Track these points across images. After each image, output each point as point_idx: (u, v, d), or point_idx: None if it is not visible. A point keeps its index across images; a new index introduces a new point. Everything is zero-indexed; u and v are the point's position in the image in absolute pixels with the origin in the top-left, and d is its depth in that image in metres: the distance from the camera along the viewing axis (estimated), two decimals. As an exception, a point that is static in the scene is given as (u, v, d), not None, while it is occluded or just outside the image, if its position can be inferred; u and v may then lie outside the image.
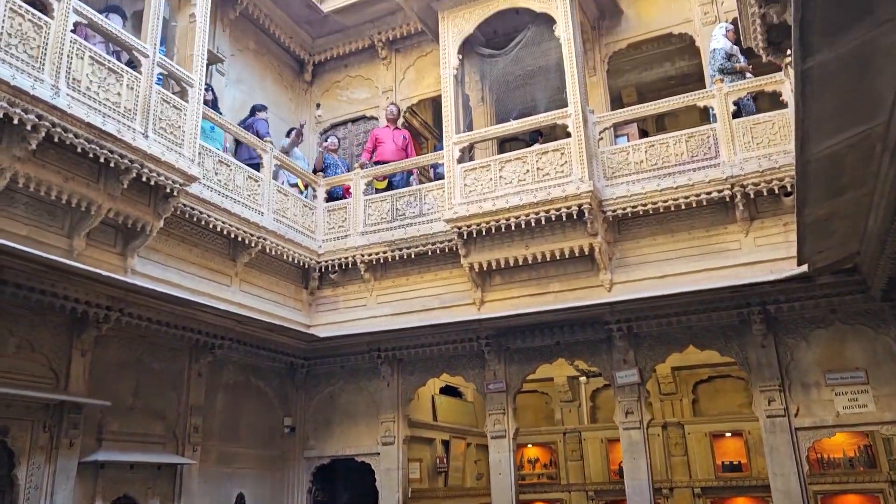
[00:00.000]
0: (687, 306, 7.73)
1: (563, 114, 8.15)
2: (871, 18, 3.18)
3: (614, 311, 7.98)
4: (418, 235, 8.85)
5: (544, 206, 7.83)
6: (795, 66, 3.35)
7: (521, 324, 8.48)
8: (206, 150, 7.71)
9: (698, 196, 7.53)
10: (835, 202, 5.15)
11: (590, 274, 8.13)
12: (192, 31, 7.71)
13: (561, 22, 8.40)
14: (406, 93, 10.91)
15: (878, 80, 3.71)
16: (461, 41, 9.06)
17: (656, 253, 7.91)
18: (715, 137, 7.63)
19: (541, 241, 8.09)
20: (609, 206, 7.89)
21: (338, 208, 9.61)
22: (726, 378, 11.43)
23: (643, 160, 7.90)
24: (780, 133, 7.35)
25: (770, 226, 7.48)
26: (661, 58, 11.13)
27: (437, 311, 8.86)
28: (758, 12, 4.58)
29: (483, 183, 8.32)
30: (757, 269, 7.39)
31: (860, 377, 7.19)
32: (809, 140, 4.09)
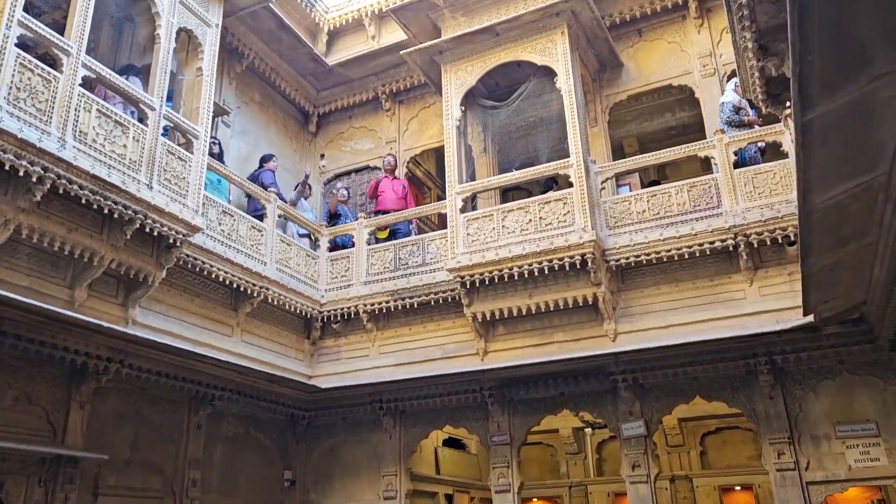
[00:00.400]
0: (693, 357, 7.63)
1: (565, 164, 8.20)
2: (868, 71, 3.21)
3: (619, 362, 7.88)
4: (421, 285, 8.84)
5: (547, 255, 7.83)
6: (795, 119, 3.37)
7: (524, 374, 8.37)
8: (210, 200, 7.76)
9: (701, 245, 7.53)
10: (839, 252, 5.12)
11: (594, 324, 8.08)
12: (198, 85, 7.84)
13: (562, 74, 8.53)
14: (409, 143, 11.03)
15: (878, 132, 3.73)
16: (463, 93, 9.19)
17: (661, 302, 7.88)
18: (717, 187, 7.66)
19: (544, 291, 8.07)
20: (612, 256, 7.88)
21: (341, 258, 9.61)
22: (734, 430, 11.22)
23: (645, 209, 7.92)
24: (782, 183, 7.38)
25: (774, 275, 7.45)
26: (661, 108, 11.27)
27: (440, 361, 8.79)
28: (756, 65, 4.63)
29: (486, 232, 8.33)
30: (763, 318, 7.34)
31: (871, 429, 7.04)
32: (811, 191, 4.08)
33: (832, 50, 3.00)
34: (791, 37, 2.83)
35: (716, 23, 9.17)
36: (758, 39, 4.43)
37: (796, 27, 2.77)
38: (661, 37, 9.52)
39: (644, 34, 9.64)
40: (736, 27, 4.44)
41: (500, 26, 8.89)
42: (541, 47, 8.79)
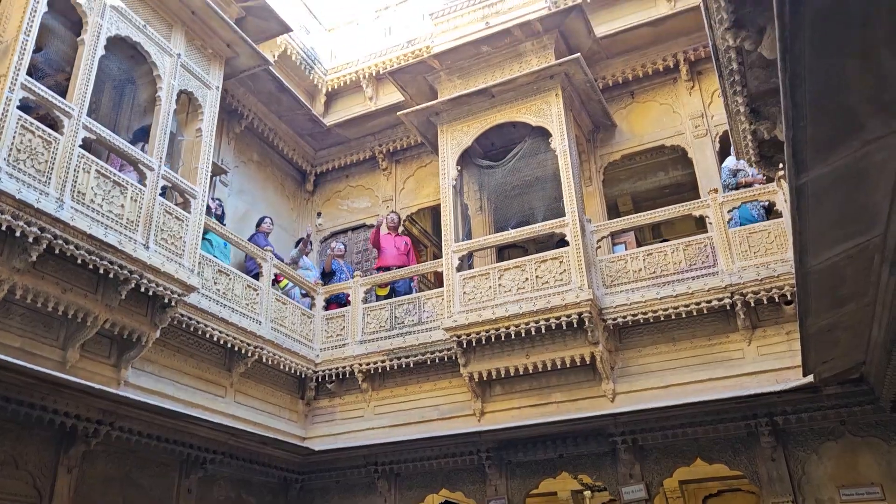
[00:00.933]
0: (692, 418, 7.52)
1: (561, 223, 8.25)
2: (860, 136, 3.25)
3: (618, 423, 7.76)
4: (417, 344, 8.77)
5: (544, 314, 7.80)
6: (790, 182, 3.40)
7: (522, 436, 8.23)
8: (206, 259, 7.74)
9: (698, 304, 7.52)
10: (837, 313, 5.10)
11: (592, 384, 8.00)
12: (197, 145, 7.93)
13: (556, 135, 8.65)
14: (406, 202, 11.11)
15: (872, 194, 3.76)
16: (460, 153, 9.30)
17: (659, 362, 7.82)
18: (712, 246, 7.69)
19: (541, 351, 8.01)
20: (609, 315, 7.85)
21: (336, 316, 9.56)
22: (736, 492, 10.97)
23: (642, 268, 7.93)
24: (777, 242, 7.42)
25: (773, 334, 7.42)
26: (654, 167, 11.41)
27: (437, 422, 8.65)
28: (748, 128, 4.70)
29: (482, 291, 8.32)
30: (762, 378, 7.27)
31: (876, 493, 6.89)
32: (807, 253, 4.09)
33: (824, 116, 3.05)
34: (784, 104, 2.87)
35: (706, 85, 9.37)
36: (749, 103, 4.51)
37: (789, 95, 2.82)
38: (653, 98, 9.71)
39: (637, 96, 9.84)
40: (728, 91, 4.52)
41: (496, 88, 9.06)
42: (535, 108, 8.94)
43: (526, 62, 9.23)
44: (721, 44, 4.09)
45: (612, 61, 9.66)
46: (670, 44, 9.38)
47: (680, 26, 9.17)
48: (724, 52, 4.12)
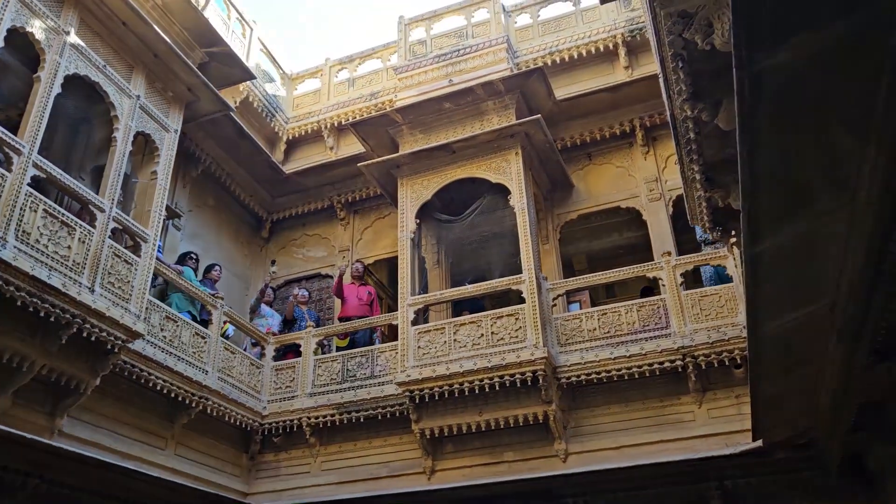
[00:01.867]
0: (644, 480, 7.47)
1: (518, 279, 8.28)
2: (813, 208, 3.36)
3: (570, 484, 7.66)
4: (369, 398, 8.60)
5: (498, 371, 7.75)
6: (744, 251, 3.47)
7: (473, 496, 8.03)
8: (153, 305, 7.51)
9: (651, 365, 7.57)
10: (787, 379, 5.18)
11: (544, 443, 7.92)
12: (152, 188, 7.78)
13: (515, 192, 8.76)
14: (363, 253, 11.03)
15: (822, 264, 3.86)
16: (419, 206, 9.32)
17: (612, 422, 7.81)
18: (665, 308, 7.79)
19: (494, 408, 7.92)
20: (563, 374, 7.84)
21: (286, 367, 9.33)
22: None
23: (596, 328, 7.98)
24: (728, 306, 7.56)
25: (723, 397, 7.50)
26: (609, 228, 11.61)
27: (385, 480, 8.43)
28: (703, 195, 4.83)
29: (437, 346, 8.24)
30: (712, 441, 7.31)
31: (823, 559, 6.92)
32: (760, 319, 4.17)
33: (779, 188, 3.14)
34: (741, 175, 2.95)
35: (661, 151, 9.65)
36: (704, 171, 4.64)
37: (746, 167, 2.90)
38: (609, 161, 9.95)
39: (594, 158, 10.06)
40: (684, 159, 4.65)
41: (457, 144, 9.17)
42: (495, 166, 9.06)
43: (487, 120, 9.39)
44: (679, 114, 4.21)
45: (571, 123, 9.89)
46: (627, 109, 9.67)
47: (636, 93, 9.47)
48: (682, 122, 4.24)
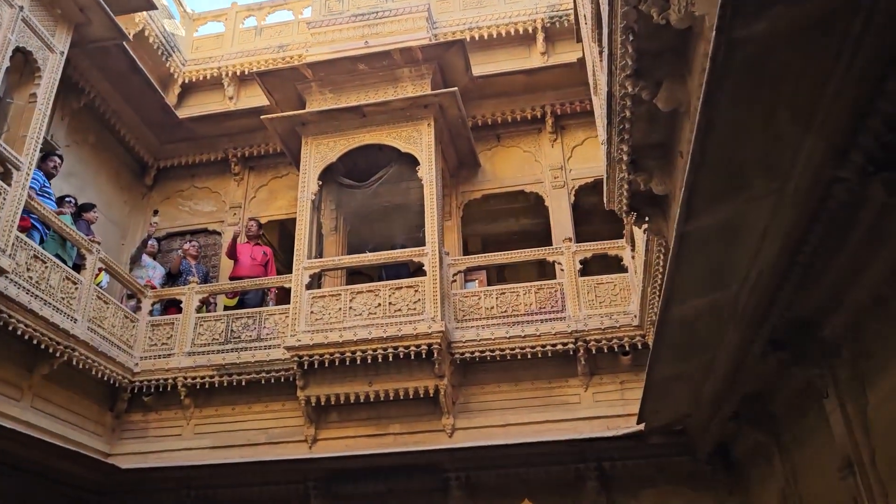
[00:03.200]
0: (527, 458, 7.61)
1: (421, 252, 8.16)
2: (745, 192, 3.43)
3: (454, 459, 7.67)
4: (253, 361, 8.22)
5: (394, 342, 7.62)
6: (676, 228, 3.50)
7: (355, 467, 7.90)
8: (21, 242, 6.77)
9: (544, 347, 7.69)
10: (681, 364, 5.37)
11: (432, 417, 7.88)
12: (29, 112, 7.05)
13: (424, 164, 8.62)
14: (256, 211, 10.52)
15: (737, 252, 3.98)
16: (323, 168, 8.99)
17: (500, 400, 7.88)
18: (562, 292, 7.93)
19: (385, 379, 7.79)
20: (458, 349, 7.82)
21: (164, 323, 8.75)
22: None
23: (494, 306, 8.01)
24: (621, 295, 7.79)
25: (608, 383, 7.74)
26: (507, 213, 11.71)
27: (264, 447, 8.11)
28: (626, 177, 4.88)
29: (331, 312, 7.98)
30: (594, 424, 7.53)
31: (681, 539, 7.31)
32: (673, 301, 4.25)
33: (721, 168, 3.17)
34: (693, 147, 2.94)
35: (568, 140, 9.81)
36: (631, 153, 4.68)
37: (700, 140, 2.89)
38: (517, 144, 10.00)
39: (502, 140, 10.08)
40: (614, 139, 4.66)
41: (369, 108, 8.90)
42: (406, 135, 8.88)
43: (401, 88, 9.18)
44: (618, 90, 4.20)
45: (484, 102, 9.85)
46: (540, 95, 9.74)
47: (551, 80, 9.56)
48: (620, 99, 4.24)
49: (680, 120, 4.27)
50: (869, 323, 3.85)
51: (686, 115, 4.05)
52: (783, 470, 5.62)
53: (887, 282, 3.57)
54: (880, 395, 3.88)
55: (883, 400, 3.86)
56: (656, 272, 6.21)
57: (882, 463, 3.94)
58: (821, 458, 4.92)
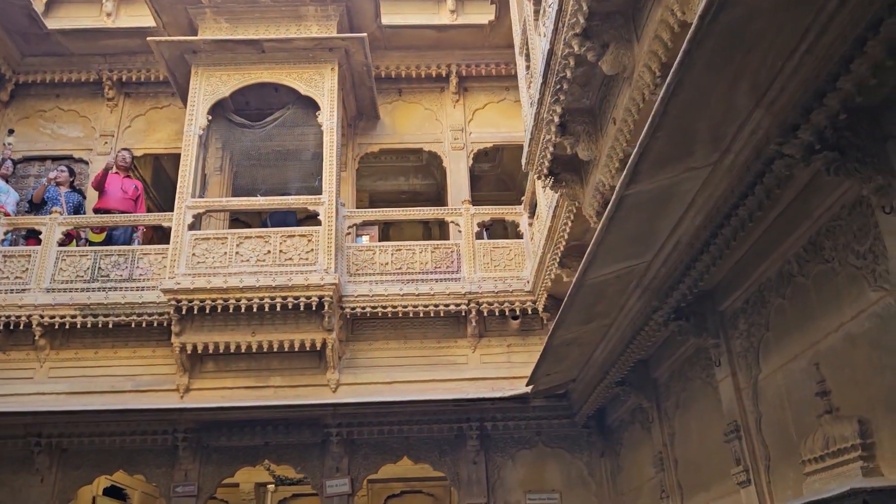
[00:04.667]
0: (410, 416, 7.60)
1: (317, 200, 7.84)
2: (686, 162, 3.49)
3: (337, 414, 7.52)
4: (123, 303, 7.59)
5: (283, 291, 7.30)
6: (619, 190, 3.51)
7: (230, 418, 7.55)
8: None
9: (437, 306, 7.66)
10: (582, 328, 5.51)
11: (316, 371, 7.67)
12: None
13: (325, 109, 8.26)
14: (130, 142, 9.64)
15: (660, 221, 4.09)
16: (213, 102, 8.38)
17: (388, 357, 7.80)
18: (459, 253, 7.92)
19: (270, 330, 7.46)
20: (349, 303, 7.63)
21: (19, 255, 7.89)
22: (417, 493, 11.41)
23: (389, 262, 7.87)
24: (516, 260, 7.90)
25: (496, 345, 7.86)
26: (400, 171, 11.59)
27: (129, 394, 7.56)
28: (553, 140, 4.88)
29: (215, 256, 7.51)
30: (480, 385, 7.63)
31: (555, 499, 7.62)
32: (594, 265, 4.30)
33: (674, 134, 3.19)
34: (657, 107, 2.93)
35: (470, 102, 9.73)
36: (562, 115, 4.67)
37: (664, 100, 2.89)
38: (419, 101, 9.81)
39: (404, 95, 9.85)
40: (547, 99, 4.63)
41: (269, 43, 8.37)
42: (307, 77, 8.45)
43: (305, 27, 8.71)
44: (562, 49, 4.15)
45: (389, 54, 9.55)
46: (447, 53, 9.57)
47: (459, 39, 9.43)
48: (563, 59, 4.19)
49: (618, 86, 4.30)
50: (772, 297, 4.09)
51: (628, 80, 4.07)
52: (661, 435, 5.94)
53: (797, 258, 3.79)
54: (773, 365, 4.14)
55: (774, 370, 4.13)
56: (560, 239, 6.33)
57: (767, 428, 4.23)
58: (702, 423, 5.24)
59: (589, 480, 7.68)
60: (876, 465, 3.14)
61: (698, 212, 3.93)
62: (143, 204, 8.86)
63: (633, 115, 4.11)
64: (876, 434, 3.18)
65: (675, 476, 5.73)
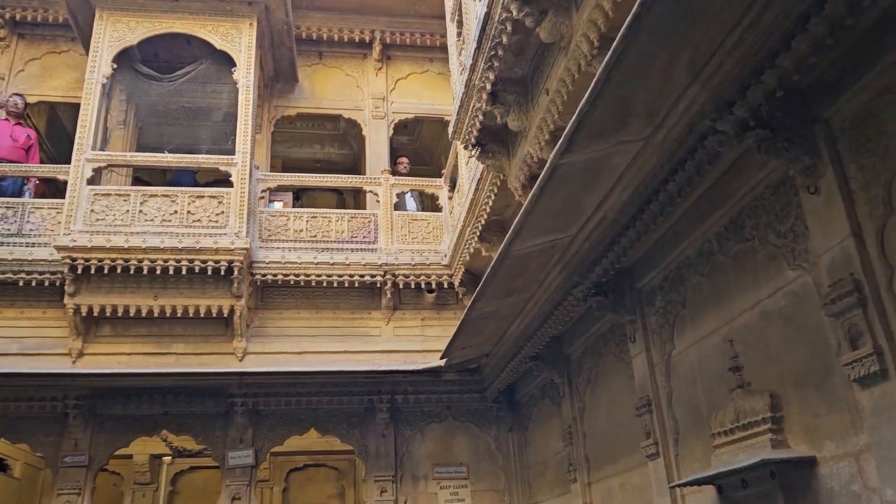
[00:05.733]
0: (320, 387, 7.42)
1: (230, 161, 7.48)
2: (618, 135, 3.48)
3: (243, 384, 7.25)
4: (10, 259, 7.03)
5: (190, 254, 6.94)
6: (553, 159, 3.46)
7: (126, 386, 7.14)
8: None
9: (352, 277, 7.50)
10: (501, 302, 5.49)
11: (223, 339, 7.37)
12: None
13: (242, 66, 7.87)
14: (23, 88, 8.86)
15: (591, 195, 4.08)
16: (119, 50, 7.82)
17: (298, 327, 7.59)
18: (376, 223, 7.76)
19: (175, 294, 7.09)
20: (260, 270, 7.35)
21: None
22: (321, 467, 11.25)
23: (304, 229, 7.62)
24: (434, 233, 7.82)
25: (410, 318, 7.78)
26: (314, 139, 11.21)
27: (14, 358, 7.01)
28: (483, 108, 4.79)
29: (117, 213, 7.06)
30: (392, 357, 7.55)
31: (462, 472, 7.66)
32: (519, 236, 4.26)
33: (613, 105, 3.17)
34: (600, 74, 2.89)
35: (393, 72, 9.53)
36: (495, 84, 4.59)
37: (609, 67, 2.84)
38: (340, 66, 9.51)
39: (325, 58, 9.52)
40: (480, 65, 4.52)
41: (183, -8, 7.88)
42: (223, 31, 8.02)
43: (223, -22, 8.23)
44: (500, 13, 4.05)
45: (311, 14, 9.19)
46: (370, 19, 9.29)
47: (385, 4, 9.17)
48: (499, 23, 4.10)
49: (553, 56, 4.25)
50: (690, 275, 4.18)
51: (564, 50, 4.02)
52: (572, 409, 6.04)
53: (718, 237, 3.88)
54: (687, 341, 4.25)
55: (688, 346, 4.24)
56: (482, 212, 6.29)
57: (678, 403, 4.35)
58: (613, 398, 5.34)
59: (496, 454, 7.75)
60: (784, 438, 3.26)
61: (626, 187, 3.94)
62: (37, 155, 8.18)
63: (568, 85, 4.08)
64: (785, 408, 3.30)
65: (583, 450, 5.84)
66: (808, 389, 3.15)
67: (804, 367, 3.18)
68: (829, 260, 2.95)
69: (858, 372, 2.73)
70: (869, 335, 2.71)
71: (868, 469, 2.78)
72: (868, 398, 2.73)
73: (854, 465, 2.87)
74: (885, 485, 2.65)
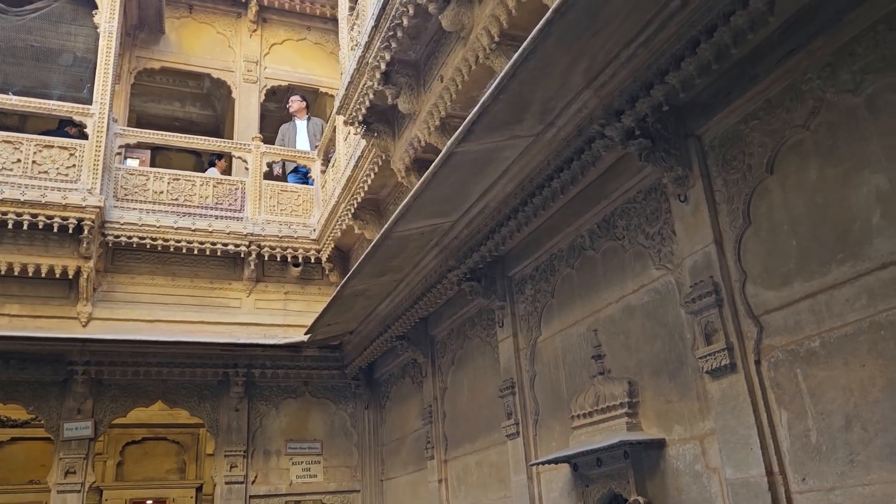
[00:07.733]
0: (172, 358, 7.07)
1: (85, 110, 6.92)
2: (514, 128, 3.63)
3: (85, 351, 6.76)
4: None
5: (34, 208, 6.38)
6: (449, 146, 3.55)
7: (-54, 348, 6.45)
8: None
9: (214, 245, 7.22)
10: (374, 281, 5.53)
11: (65, 302, 6.85)
12: None
13: (105, 8, 7.29)
14: None
15: (476, 184, 4.22)
16: (-43, -28, 6.97)
17: (152, 294, 7.20)
18: (244, 191, 7.51)
19: (12, 251, 6.50)
20: (113, 230, 6.89)
21: None
22: (160, 441, 10.72)
23: (164, 191, 7.22)
24: (304, 206, 7.69)
25: (273, 291, 7.62)
26: (174, 96, 10.61)
27: None
28: (374, 87, 4.77)
29: (-53, 157, 6.32)
30: (252, 330, 7.37)
31: (316, 448, 7.64)
32: (405, 218, 4.33)
33: (516, 98, 3.30)
34: (507, 70, 3.00)
35: (269, 35, 9.21)
36: (389, 64, 4.59)
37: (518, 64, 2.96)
38: (212, 23, 9.05)
39: (195, 12, 9.02)
40: (376, 44, 4.51)
41: (40, -82, 7.15)
42: (86, -32, 7.37)
43: None
44: (402, -6, 4.07)
45: (180, -36, 8.67)
46: (249, -22, 8.93)
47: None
48: (403, 5, 4.11)
49: (450, 45, 4.33)
50: (561, 267, 4.44)
51: (463, 41, 4.11)
52: (433, 389, 6.21)
53: (590, 234, 4.15)
54: (553, 329, 4.52)
55: (554, 333, 4.51)
56: (359, 190, 6.28)
57: (540, 386, 4.62)
58: (476, 379, 5.56)
59: (351, 431, 7.80)
60: (639, 422, 3.58)
61: (511, 179, 4.11)
62: None
63: (464, 75, 4.19)
64: (641, 394, 3.62)
65: (441, 428, 6.03)
66: (662, 378, 3.48)
67: (660, 358, 3.51)
68: (692, 263, 3.26)
69: (711, 364, 3.06)
70: (722, 332, 3.04)
71: (711, 451, 3.13)
72: (717, 388, 3.07)
73: (698, 447, 3.22)
74: (726, 464, 3.00)
